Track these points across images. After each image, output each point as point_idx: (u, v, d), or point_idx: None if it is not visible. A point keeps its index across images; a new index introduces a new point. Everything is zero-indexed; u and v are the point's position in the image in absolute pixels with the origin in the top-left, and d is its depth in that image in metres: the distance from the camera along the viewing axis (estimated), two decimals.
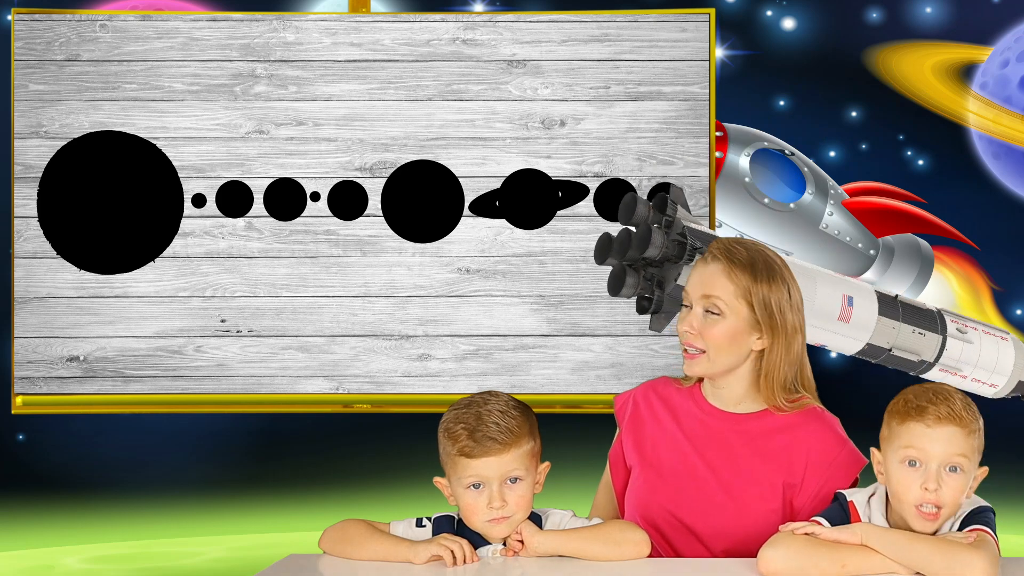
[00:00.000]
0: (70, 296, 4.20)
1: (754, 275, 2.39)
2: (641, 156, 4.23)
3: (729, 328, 2.39)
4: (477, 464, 2.21)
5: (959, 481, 2.10)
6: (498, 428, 2.21)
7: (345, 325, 4.22)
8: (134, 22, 4.25)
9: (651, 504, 2.39)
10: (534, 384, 4.20)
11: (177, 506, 4.33)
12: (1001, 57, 4.30)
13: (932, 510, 2.09)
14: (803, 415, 2.41)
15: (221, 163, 4.22)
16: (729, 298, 2.38)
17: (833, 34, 4.31)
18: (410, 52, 4.24)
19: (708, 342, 2.39)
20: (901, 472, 2.12)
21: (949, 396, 2.14)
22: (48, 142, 4.22)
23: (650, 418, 2.48)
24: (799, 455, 2.37)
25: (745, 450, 2.39)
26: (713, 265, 2.41)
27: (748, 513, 2.35)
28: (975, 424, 2.14)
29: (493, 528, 2.24)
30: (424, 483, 2.69)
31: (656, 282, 3.03)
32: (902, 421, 2.14)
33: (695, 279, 2.43)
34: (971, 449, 2.12)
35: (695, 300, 2.41)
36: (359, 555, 2.25)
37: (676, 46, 4.22)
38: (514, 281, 4.24)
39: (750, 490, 2.37)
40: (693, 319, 2.40)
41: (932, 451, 2.10)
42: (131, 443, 4.33)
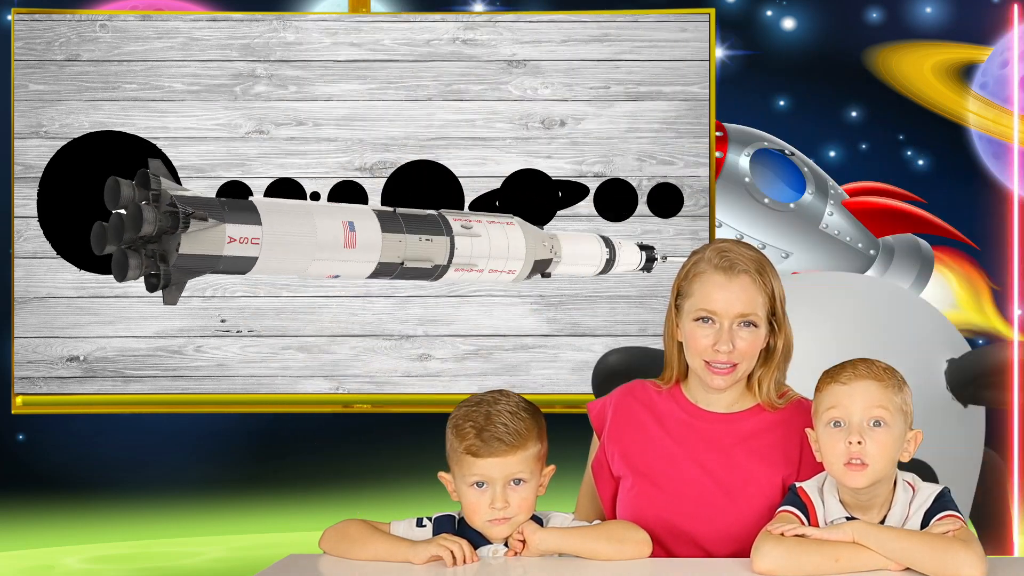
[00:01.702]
0: (70, 296, 4.20)
1: (771, 277, 2.37)
2: (641, 156, 4.23)
3: (760, 337, 2.36)
4: (482, 464, 2.21)
5: (884, 436, 2.12)
6: (506, 429, 2.21)
7: (345, 325, 4.22)
8: (134, 22, 4.25)
9: (647, 514, 2.35)
10: (534, 384, 4.20)
11: (177, 506, 4.33)
12: (1001, 57, 4.30)
13: (858, 462, 2.11)
14: (792, 409, 2.40)
15: (221, 163, 4.22)
16: (759, 308, 2.35)
17: (833, 34, 4.31)
18: (410, 52, 4.24)
19: (743, 354, 2.34)
20: (827, 435, 2.16)
21: (866, 359, 2.19)
22: (48, 142, 4.22)
23: (632, 425, 2.43)
24: (793, 448, 2.36)
25: (740, 449, 2.37)
26: (741, 279, 2.34)
27: (749, 513, 2.33)
28: (893, 380, 2.16)
29: (494, 528, 2.23)
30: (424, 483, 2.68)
31: (159, 257, 3.10)
32: (823, 387, 2.19)
33: (719, 295, 2.33)
34: (892, 404, 2.14)
35: (727, 317, 2.33)
36: (359, 555, 2.25)
37: (676, 46, 4.22)
38: (514, 281, 4.24)
39: (749, 489, 2.35)
40: (728, 336, 2.33)
41: (852, 407, 2.13)
42: (131, 443, 4.33)
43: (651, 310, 4.18)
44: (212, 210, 3.31)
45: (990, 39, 4.31)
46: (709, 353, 2.34)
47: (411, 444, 4.25)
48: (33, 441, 4.32)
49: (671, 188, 4.24)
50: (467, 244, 3.37)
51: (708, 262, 2.36)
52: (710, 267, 2.35)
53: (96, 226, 3.26)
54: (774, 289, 2.36)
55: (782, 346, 2.38)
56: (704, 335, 2.34)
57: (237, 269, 3.45)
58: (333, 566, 2.25)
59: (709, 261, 2.36)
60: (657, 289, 4.16)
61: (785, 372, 2.42)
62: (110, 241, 3.25)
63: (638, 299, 4.22)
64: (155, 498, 4.32)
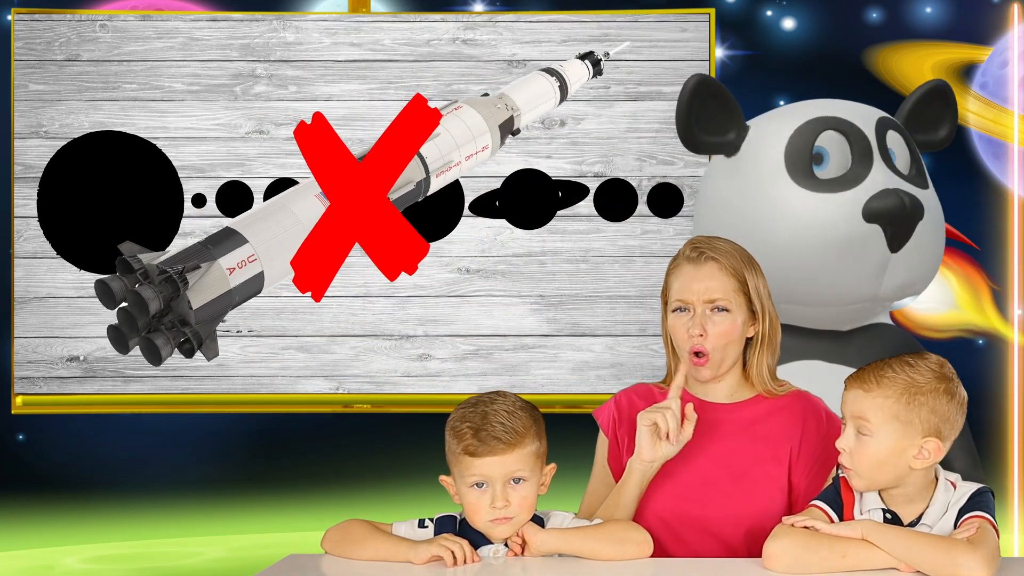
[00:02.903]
0: (70, 296, 4.20)
1: (744, 266, 2.44)
2: (641, 156, 4.23)
3: (736, 323, 2.42)
4: (481, 463, 2.21)
5: (867, 442, 2.15)
6: (503, 428, 2.21)
7: (345, 325, 4.23)
8: (134, 22, 4.25)
9: (659, 504, 2.40)
10: (534, 384, 4.20)
11: (177, 506, 4.33)
12: (1001, 57, 4.31)
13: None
14: (791, 397, 2.48)
15: (221, 163, 4.22)
16: (731, 294, 2.42)
17: (833, 34, 4.31)
18: (410, 52, 4.25)
19: (719, 341, 2.41)
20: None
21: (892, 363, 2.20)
22: (48, 142, 4.22)
23: (636, 421, 2.46)
24: (794, 432, 2.43)
25: (744, 436, 2.44)
26: (708, 266, 2.43)
27: (757, 496, 2.39)
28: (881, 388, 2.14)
29: (495, 528, 2.24)
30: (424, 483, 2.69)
31: (180, 323, 3.15)
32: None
33: (689, 284, 2.43)
34: (878, 413, 2.15)
35: (698, 303, 2.42)
36: (360, 555, 2.25)
37: (676, 46, 4.22)
38: (514, 281, 4.24)
39: (754, 472, 2.41)
40: (701, 323, 2.41)
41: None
42: (131, 443, 4.33)
43: (651, 310, 4.18)
44: (199, 255, 3.37)
45: (990, 39, 4.31)
46: (687, 341, 2.42)
47: (411, 444, 4.25)
48: (33, 441, 4.32)
49: (671, 188, 4.24)
50: (433, 148, 3.46)
51: (682, 255, 2.48)
52: (683, 260, 2.47)
53: (110, 330, 3.34)
54: (745, 276, 2.43)
55: (766, 331, 2.45)
56: (681, 325, 2.44)
57: (252, 291, 3.52)
58: (333, 566, 2.25)
59: (683, 255, 2.48)
60: (657, 289, 4.15)
61: (775, 357, 2.49)
62: (129, 337, 3.30)
63: (638, 299, 4.23)
64: (155, 498, 4.32)
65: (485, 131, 3.64)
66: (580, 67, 4.14)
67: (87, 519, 4.35)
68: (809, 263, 2.53)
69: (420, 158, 3.54)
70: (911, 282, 3.28)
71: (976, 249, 4.24)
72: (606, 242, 4.23)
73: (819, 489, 2.36)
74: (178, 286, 3.17)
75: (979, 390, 4.17)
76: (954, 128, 3.45)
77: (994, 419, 4.30)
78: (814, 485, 2.40)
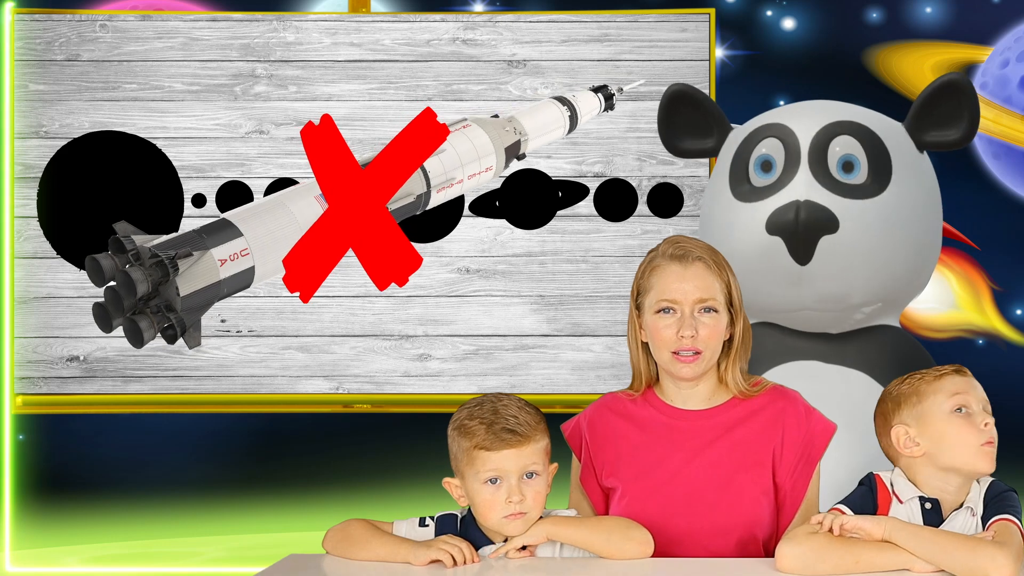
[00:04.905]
0: (70, 296, 4.20)
1: (725, 267, 2.43)
2: (641, 156, 4.23)
3: (721, 323, 2.40)
4: (496, 457, 2.21)
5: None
6: (516, 421, 2.21)
7: (345, 325, 4.23)
8: (134, 22, 4.25)
9: (642, 519, 2.34)
10: (534, 384, 4.20)
11: (177, 506, 4.32)
12: (1001, 57, 4.30)
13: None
14: (768, 396, 2.43)
15: (221, 163, 4.22)
16: (718, 294, 2.39)
17: (833, 34, 4.30)
18: (410, 52, 4.25)
19: (707, 340, 2.38)
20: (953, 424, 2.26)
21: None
22: (48, 142, 4.22)
23: (612, 438, 2.44)
24: (775, 433, 2.39)
25: (724, 442, 2.39)
26: (696, 266, 2.39)
27: (742, 503, 2.36)
28: None
29: (509, 524, 2.22)
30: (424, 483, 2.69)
31: (166, 308, 3.13)
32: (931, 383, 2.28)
33: (678, 284, 2.38)
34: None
35: (687, 304, 2.37)
36: (361, 555, 2.25)
37: (676, 46, 4.22)
38: (514, 281, 4.24)
39: (738, 479, 2.37)
40: (691, 322, 2.37)
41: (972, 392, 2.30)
42: (131, 443, 4.33)
43: None
44: (192, 243, 3.35)
45: (990, 39, 4.31)
46: (674, 343, 2.37)
47: (411, 444, 4.25)
48: (33, 441, 4.32)
49: (671, 188, 4.24)
50: (437, 163, 3.45)
51: (663, 255, 2.42)
52: (665, 259, 2.41)
53: (95, 307, 3.31)
54: (728, 277, 2.41)
55: (741, 333, 2.42)
56: (667, 325, 2.38)
57: (241, 285, 3.50)
58: (333, 566, 2.25)
59: (664, 254, 2.42)
60: None
61: (747, 360, 2.45)
62: (113, 316, 3.28)
63: None
64: (155, 498, 4.31)
65: (491, 152, 3.64)
66: (592, 99, 4.13)
67: (87, 519, 4.35)
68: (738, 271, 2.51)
69: (423, 172, 3.53)
70: (846, 293, 3.12)
71: (976, 249, 4.24)
72: (606, 242, 4.23)
73: (804, 487, 2.37)
74: (168, 271, 3.16)
75: None
76: (973, 126, 3.24)
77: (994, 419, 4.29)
78: (799, 483, 2.38)
